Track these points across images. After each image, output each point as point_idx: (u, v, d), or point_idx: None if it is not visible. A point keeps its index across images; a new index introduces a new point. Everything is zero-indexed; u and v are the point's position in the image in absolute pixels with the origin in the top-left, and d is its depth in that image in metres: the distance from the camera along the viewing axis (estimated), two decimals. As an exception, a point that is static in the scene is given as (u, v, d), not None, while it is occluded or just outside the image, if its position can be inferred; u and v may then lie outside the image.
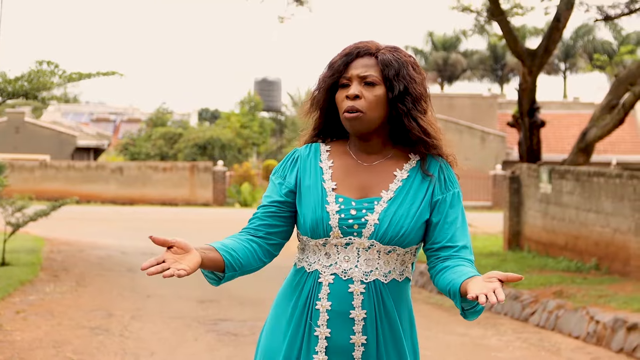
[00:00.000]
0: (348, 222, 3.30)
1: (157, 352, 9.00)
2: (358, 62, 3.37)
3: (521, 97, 19.27)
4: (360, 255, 3.30)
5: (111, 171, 40.27)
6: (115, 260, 17.28)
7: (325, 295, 3.29)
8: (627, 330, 10.17)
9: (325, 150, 3.46)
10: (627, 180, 14.34)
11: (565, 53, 60.34)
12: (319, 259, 3.33)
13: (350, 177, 3.39)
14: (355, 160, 3.41)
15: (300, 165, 3.44)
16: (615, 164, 39.39)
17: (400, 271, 3.36)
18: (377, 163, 3.40)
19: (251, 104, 51.07)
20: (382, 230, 3.29)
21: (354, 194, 3.36)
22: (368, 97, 3.33)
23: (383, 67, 3.35)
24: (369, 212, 3.31)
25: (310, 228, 3.32)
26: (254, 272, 3.37)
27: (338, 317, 3.28)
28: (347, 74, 3.37)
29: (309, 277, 3.33)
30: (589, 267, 14.94)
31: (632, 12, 17.22)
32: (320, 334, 3.29)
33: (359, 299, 3.28)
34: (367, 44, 3.42)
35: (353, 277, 3.29)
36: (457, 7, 20.42)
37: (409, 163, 3.42)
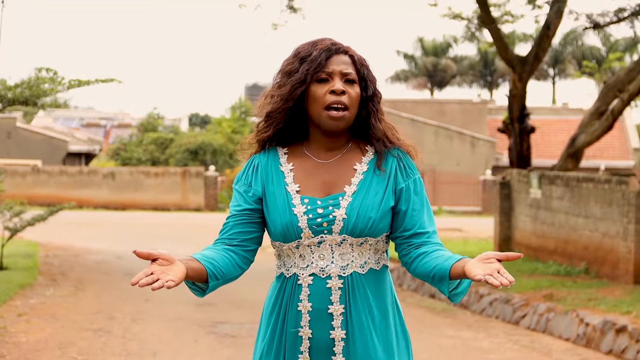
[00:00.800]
0: (317, 222, 3.32)
1: (159, 353, 9.23)
2: (337, 58, 3.38)
3: (511, 103, 19.47)
4: (334, 251, 3.33)
5: (103, 176, 40.39)
6: (112, 265, 17.47)
7: (306, 296, 3.32)
8: (616, 333, 10.40)
9: (283, 153, 3.47)
10: (615, 186, 14.54)
11: (554, 59, 60.61)
12: (294, 262, 3.35)
13: (311, 177, 3.41)
14: (313, 159, 3.43)
15: (262, 172, 3.44)
16: (603, 169, 39.66)
17: (376, 260, 3.38)
18: (336, 159, 3.42)
19: (242, 110, 51.27)
20: (351, 224, 3.31)
21: (318, 193, 3.38)
22: (351, 94, 3.36)
23: (359, 66, 3.40)
24: (335, 209, 3.33)
25: (281, 233, 3.34)
26: (234, 280, 3.39)
27: (318, 315, 3.32)
28: (327, 68, 3.36)
29: (288, 281, 3.36)
30: (579, 271, 15.10)
31: (621, 20, 17.47)
32: (304, 334, 3.33)
33: (337, 294, 3.31)
34: (334, 41, 3.44)
35: (331, 274, 3.32)
36: (449, 14, 20.64)
37: (366, 156, 3.44)
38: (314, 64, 3.34)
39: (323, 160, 3.42)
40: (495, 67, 64.26)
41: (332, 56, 3.37)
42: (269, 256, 20.99)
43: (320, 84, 3.36)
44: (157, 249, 3.14)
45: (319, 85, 3.35)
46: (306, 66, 3.35)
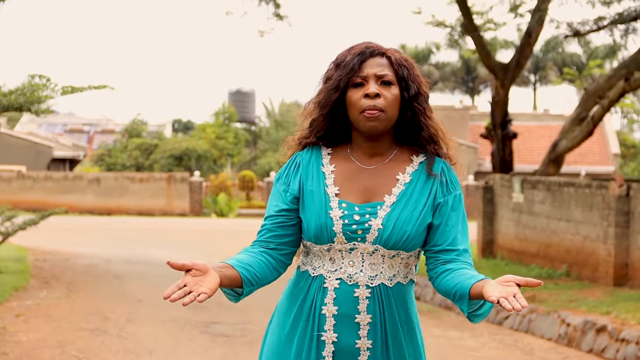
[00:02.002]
0: (352, 228, 3.27)
1: (156, 351, 9.50)
2: (372, 61, 3.32)
3: (494, 109, 19.75)
4: (365, 260, 3.27)
5: (88, 182, 40.47)
6: (101, 268, 17.67)
7: (332, 300, 3.26)
8: (596, 332, 10.70)
9: (327, 154, 3.41)
10: (596, 190, 14.83)
11: (535, 65, 60.98)
12: (323, 263, 3.31)
13: (352, 182, 3.34)
14: (356, 164, 3.36)
15: (303, 170, 3.39)
16: (584, 174, 40.03)
17: (405, 274, 3.34)
18: (379, 166, 3.36)
19: (226, 115, 51.43)
20: (385, 235, 3.25)
21: (357, 199, 3.31)
22: (387, 96, 3.29)
23: (397, 67, 3.33)
24: (372, 217, 3.27)
25: (314, 234, 3.29)
26: (270, 283, 3.35)
27: (344, 321, 3.26)
28: (362, 72, 3.30)
29: (314, 281, 3.31)
30: (560, 274, 15.39)
31: (600, 28, 17.82)
32: (327, 338, 3.27)
33: (364, 303, 3.26)
34: (372, 43, 3.39)
35: (358, 282, 3.26)
36: (432, 22, 20.97)
37: (411, 166, 3.38)
38: (347, 68, 3.30)
39: (366, 166, 3.36)
40: (477, 73, 64.58)
41: (366, 60, 3.32)
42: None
43: (355, 89, 3.31)
44: (194, 260, 3.08)
45: (355, 90, 3.30)
46: (340, 72, 3.31)
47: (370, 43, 3.38)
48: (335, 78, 3.32)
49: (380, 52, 3.34)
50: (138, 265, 18.44)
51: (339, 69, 3.33)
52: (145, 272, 17.21)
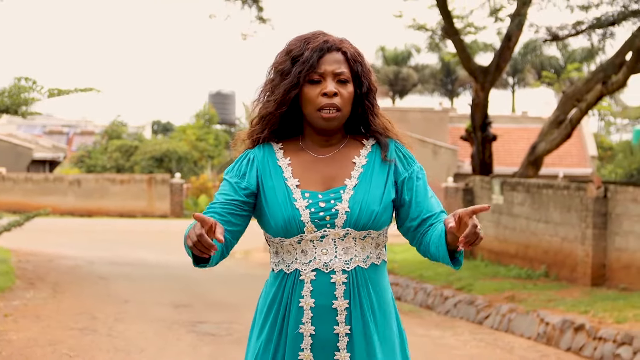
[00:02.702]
0: (319, 215, 3.27)
1: (146, 349, 9.68)
2: (329, 57, 3.32)
3: (474, 112, 19.95)
4: (337, 245, 3.28)
5: (69, 183, 40.48)
6: (85, 270, 17.80)
7: (308, 292, 3.26)
8: (574, 331, 10.95)
9: (279, 148, 3.41)
10: (574, 192, 15.06)
11: (514, 68, 61.31)
12: (296, 257, 3.30)
13: (310, 172, 3.35)
14: (311, 154, 3.38)
15: (259, 166, 3.38)
16: (562, 176, 40.33)
17: (377, 254, 3.34)
18: (334, 154, 3.38)
19: (206, 117, 51.48)
20: (354, 217, 3.27)
21: (318, 187, 3.32)
22: (344, 95, 3.31)
23: (352, 63, 3.34)
24: (337, 202, 3.28)
25: (282, 228, 3.28)
26: (208, 267, 3.30)
27: (322, 311, 3.26)
28: (319, 69, 3.30)
29: (289, 277, 3.30)
30: (539, 274, 15.59)
31: (579, 33, 18.07)
32: (305, 331, 3.26)
33: (341, 289, 3.26)
34: (327, 36, 3.37)
35: (334, 268, 3.27)
36: (413, 25, 21.18)
37: (364, 149, 3.41)
38: (306, 65, 3.29)
39: (321, 155, 3.39)
40: (456, 75, 64.85)
41: (324, 55, 3.31)
42: (238, 262, 21.45)
43: (312, 85, 3.31)
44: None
45: (312, 86, 3.31)
46: (298, 68, 3.30)
47: (325, 35, 3.37)
48: (294, 74, 3.30)
49: (337, 47, 3.34)
50: (122, 267, 18.58)
51: (296, 63, 3.31)
52: (129, 273, 17.37)
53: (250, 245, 24.75)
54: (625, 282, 13.75)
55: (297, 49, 3.33)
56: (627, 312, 11.12)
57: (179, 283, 15.93)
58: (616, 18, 17.06)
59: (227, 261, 21.55)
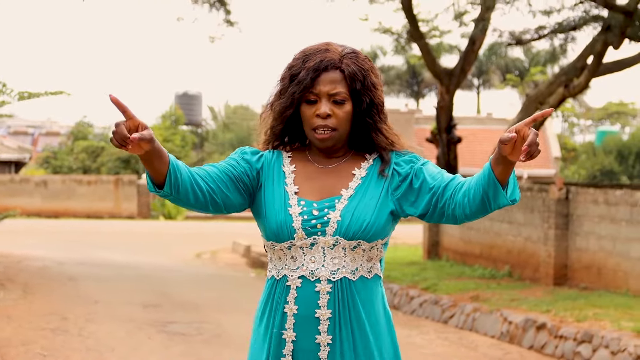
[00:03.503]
0: (311, 223, 3.29)
1: (117, 349, 9.84)
2: (325, 77, 3.31)
3: (439, 114, 20.16)
4: (326, 254, 3.28)
5: (35, 184, 40.39)
6: (55, 271, 17.86)
7: (293, 298, 3.28)
8: (537, 330, 11.19)
9: (287, 156, 3.44)
10: (537, 193, 15.31)
11: (478, 70, 61.74)
12: (285, 264, 3.32)
13: (311, 181, 3.38)
14: (315, 165, 3.41)
15: (265, 165, 3.43)
16: (526, 177, 40.73)
17: (368, 268, 3.33)
18: (336, 166, 3.40)
19: (172, 118, 51.48)
20: (345, 226, 3.27)
21: (316, 197, 3.35)
22: (339, 115, 3.31)
23: (350, 81, 3.31)
24: (330, 211, 3.30)
25: (274, 232, 3.30)
26: (189, 202, 3.24)
27: (304, 318, 3.27)
28: (314, 89, 3.30)
29: (279, 283, 3.32)
30: (503, 274, 15.84)
31: (541, 37, 18.39)
32: (288, 337, 3.28)
33: (324, 298, 3.26)
34: (329, 53, 3.35)
35: (320, 277, 3.27)
36: (379, 29, 21.42)
37: (366, 162, 3.42)
38: (301, 86, 3.31)
39: (324, 166, 3.42)
40: (421, 77, 65.18)
41: (319, 75, 3.31)
42: (205, 262, 21.60)
43: (309, 105, 3.33)
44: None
45: (308, 106, 3.33)
46: (293, 88, 3.32)
47: (327, 51, 3.36)
48: (289, 94, 3.33)
49: (334, 65, 3.32)
50: (90, 267, 18.68)
51: (292, 82, 3.33)
52: (98, 274, 17.47)
53: (217, 246, 24.96)
54: (585, 281, 14.02)
55: (297, 67, 3.35)
56: (588, 311, 11.38)
57: (147, 283, 16.07)
58: (577, 23, 17.39)
59: (194, 261, 21.72)
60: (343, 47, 3.40)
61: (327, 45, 3.38)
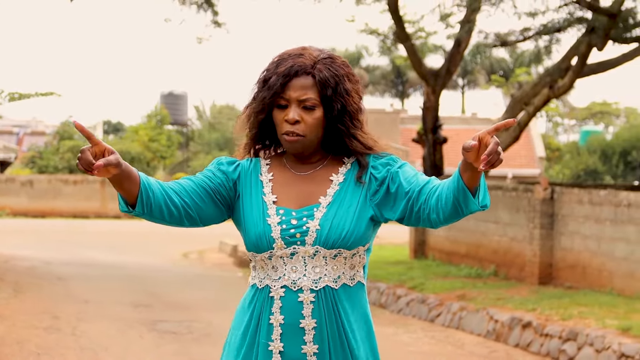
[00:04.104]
0: (290, 232, 3.25)
1: (110, 348, 9.97)
2: (295, 82, 3.27)
3: (425, 115, 20.31)
4: (307, 263, 3.25)
5: (21, 184, 40.35)
6: (43, 270, 17.94)
7: (278, 309, 3.25)
8: (522, 328, 11.36)
9: (265, 164, 3.41)
10: (522, 193, 15.47)
11: (463, 70, 61.93)
12: (267, 273, 3.29)
13: (288, 189, 3.34)
14: (291, 172, 3.37)
15: (242, 174, 3.40)
16: (511, 177, 40.92)
17: (351, 275, 3.30)
18: (313, 172, 3.36)
19: (158, 118, 51.49)
20: (324, 235, 3.24)
21: (294, 205, 3.31)
22: (308, 121, 3.27)
23: (321, 87, 3.27)
24: (309, 220, 3.26)
25: (254, 243, 3.28)
26: (162, 219, 3.24)
27: (290, 329, 3.24)
28: (285, 94, 3.27)
29: (261, 293, 3.29)
30: (488, 273, 15.99)
31: (526, 39, 18.58)
32: (274, 348, 3.25)
33: (309, 307, 3.24)
34: (302, 58, 3.30)
35: (302, 287, 3.24)
36: (366, 30, 21.54)
37: (344, 166, 3.38)
38: (271, 92, 3.28)
39: (301, 173, 3.38)
40: (406, 77, 65.36)
41: (290, 81, 3.27)
42: (192, 262, 21.71)
43: (279, 110, 3.29)
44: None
45: (279, 111, 3.30)
46: (264, 93, 3.29)
47: (301, 56, 3.32)
48: (260, 99, 3.31)
49: (305, 71, 3.27)
50: (78, 267, 18.76)
51: (264, 87, 3.31)
52: (86, 273, 17.57)
53: (204, 246, 25.06)
54: (570, 280, 14.19)
55: (270, 71, 3.32)
56: (572, 310, 11.55)
57: (136, 283, 16.17)
58: (562, 25, 17.59)
59: (181, 261, 21.82)
60: (320, 51, 3.36)
61: (303, 50, 3.34)
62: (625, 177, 45.46)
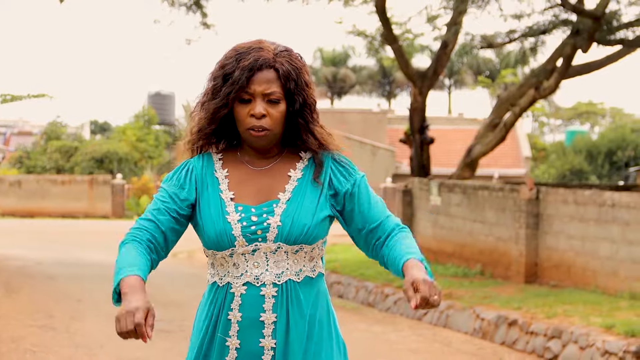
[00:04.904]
0: (251, 229, 3.25)
1: (105, 345, 10.14)
2: (259, 76, 3.25)
3: (412, 116, 20.51)
4: (269, 258, 3.25)
5: (9, 184, 40.36)
6: (34, 270, 18.04)
7: (237, 305, 3.25)
8: (508, 326, 11.54)
9: (218, 159, 3.38)
10: (508, 193, 15.66)
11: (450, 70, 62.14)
12: (228, 271, 3.28)
13: (246, 185, 3.32)
14: (248, 167, 3.35)
15: (197, 176, 3.35)
16: (497, 177, 41.11)
17: (311, 267, 3.32)
18: (270, 167, 3.35)
19: (145, 118, 51.49)
20: (285, 232, 3.24)
21: (252, 201, 3.29)
22: (273, 115, 3.26)
23: (284, 81, 3.26)
24: (269, 216, 3.25)
25: (214, 241, 3.26)
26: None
27: (249, 324, 3.25)
28: (249, 89, 3.25)
29: (221, 290, 3.29)
30: (475, 272, 16.17)
31: (512, 40, 18.81)
32: (231, 344, 3.26)
33: (270, 302, 3.24)
34: (263, 52, 3.28)
35: (265, 282, 3.24)
36: (353, 31, 21.73)
37: (301, 162, 3.37)
38: (235, 86, 3.24)
39: (257, 168, 3.36)
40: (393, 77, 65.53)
41: (254, 75, 3.25)
42: (181, 262, 21.82)
43: (242, 105, 3.27)
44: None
45: (242, 105, 3.27)
46: (228, 88, 3.25)
47: (260, 49, 3.30)
48: (224, 94, 3.27)
49: (268, 64, 3.26)
50: (69, 267, 18.87)
51: (226, 82, 3.27)
52: (78, 273, 17.67)
53: (193, 246, 25.12)
54: (555, 279, 14.39)
55: (230, 66, 3.28)
56: (557, 308, 11.74)
57: (127, 283, 16.25)
58: (547, 27, 17.80)
59: (170, 261, 21.91)
60: (275, 45, 3.35)
61: (260, 44, 3.32)
62: (610, 177, 45.72)
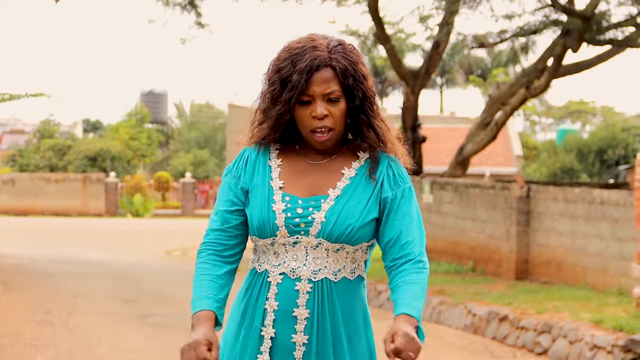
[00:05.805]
0: (294, 221, 3.20)
1: (103, 340, 10.30)
2: (317, 77, 3.18)
3: (404, 114, 20.67)
4: (309, 253, 3.21)
5: (3, 182, 40.42)
6: (29, 268, 18.11)
7: (273, 295, 3.22)
8: (499, 321, 11.70)
9: (275, 149, 3.34)
10: (499, 191, 15.81)
11: (442, 69, 62.26)
12: (268, 258, 3.25)
13: (298, 176, 3.28)
14: (304, 159, 3.30)
15: (250, 165, 3.33)
16: (489, 175, 41.27)
17: (352, 269, 3.26)
18: (326, 162, 3.29)
19: (138, 116, 51.56)
20: (328, 229, 3.18)
21: (302, 193, 3.25)
22: (335, 114, 3.21)
23: (342, 78, 3.21)
24: (315, 211, 3.21)
25: (257, 228, 3.23)
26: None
27: (283, 316, 3.21)
28: (308, 91, 3.19)
29: (259, 277, 3.26)
30: (467, 269, 16.33)
31: (503, 40, 19.01)
32: (266, 334, 3.22)
33: (304, 297, 3.20)
34: (317, 50, 3.22)
35: (301, 276, 3.20)
36: (346, 31, 21.92)
37: (357, 161, 3.31)
38: (296, 91, 3.18)
39: (313, 162, 3.31)
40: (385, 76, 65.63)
41: (312, 76, 3.18)
42: (175, 259, 21.94)
43: (303, 107, 3.21)
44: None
45: (302, 107, 3.22)
46: (288, 94, 3.19)
47: (314, 48, 3.22)
48: (284, 101, 3.21)
49: (325, 63, 3.20)
50: (64, 264, 18.97)
51: (285, 88, 3.20)
52: (73, 270, 17.79)
53: (186, 243, 25.29)
54: (545, 276, 14.57)
55: (287, 69, 3.21)
56: (547, 304, 11.90)
57: (122, 280, 16.43)
58: (538, 27, 18.00)
59: (165, 258, 22.07)
60: (327, 39, 3.27)
61: (313, 41, 3.24)
62: (601, 175, 45.92)
